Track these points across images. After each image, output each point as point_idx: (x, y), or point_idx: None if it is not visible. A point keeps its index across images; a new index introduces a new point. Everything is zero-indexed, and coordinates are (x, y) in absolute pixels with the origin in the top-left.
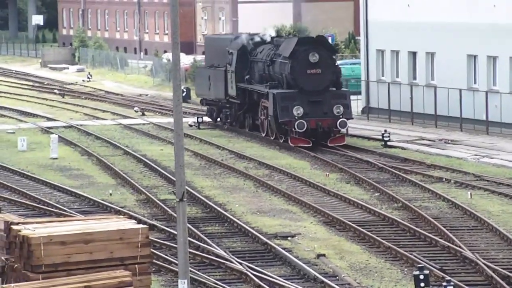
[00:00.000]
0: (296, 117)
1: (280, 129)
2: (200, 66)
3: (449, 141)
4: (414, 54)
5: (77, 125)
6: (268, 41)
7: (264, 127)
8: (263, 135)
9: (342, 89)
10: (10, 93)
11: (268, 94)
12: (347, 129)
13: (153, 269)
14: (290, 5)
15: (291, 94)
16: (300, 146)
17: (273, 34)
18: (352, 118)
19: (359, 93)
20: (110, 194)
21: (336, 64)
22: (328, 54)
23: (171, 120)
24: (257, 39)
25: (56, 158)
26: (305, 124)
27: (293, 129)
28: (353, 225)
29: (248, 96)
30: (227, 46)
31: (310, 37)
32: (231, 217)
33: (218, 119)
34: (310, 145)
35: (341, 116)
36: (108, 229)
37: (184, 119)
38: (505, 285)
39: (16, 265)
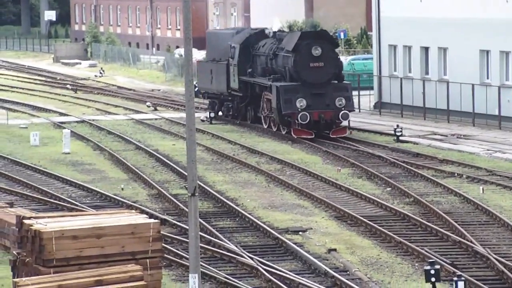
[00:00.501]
0: (299, 109)
1: (283, 121)
2: (202, 60)
3: (462, 136)
4: (426, 49)
5: (89, 120)
6: (270, 36)
7: (266, 119)
8: (265, 127)
9: (344, 82)
10: (23, 88)
11: (272, 87)
12: (349, 121)
13: (164, 263)
14: (302, 0)
15: (294, 86)
16: (303, 138)
17: (276, 28)
18: (354, 110)
19: (372, 88)
20: (122, 189)
21: (338, 57)
22: (330, 48)
23: (183, 115)
24: (259, 33)
25: (69, 153)
26: (308, 116)
27: (296, 121)
28: (364, 220)
29: (250, 89)
30: (229, 40)
31: (313, 31)
32: (242, 211)
33: (220, 112)
34: (313, 136)
35: (343, 108)
36: (120, 224)
37: (196, 114)
38: None
39: (27, 259)
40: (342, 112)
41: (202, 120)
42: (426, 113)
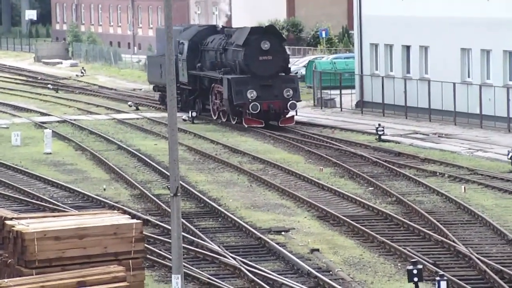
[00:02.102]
0: (250, 100)
1: (234, 111)
2: (152, 55)
3: (443, 135)
4: (408, 48)
5: (70, 120)
6: (218, 31)
7: (215, 110)
8: (214, 118)
9: (291, 74)
10: (4, 88)
11: (223, 79)
12: (296, 111)
13: (147, 264)
14: None
15: (245, 79)
16: (253, 126)
17: (221, 25)
18: (300, 100)
19: (353, 87)
20: (104, 189)
21: (285, 51)
22: (278, 42)
23: (165, 114)
24: (207, 29)
25: (50, 153)
26: (258, 106)
27: (247, 111)
28: (347, 219)
29: (199, 83)
30: (177, 37)
31: (261, 27)
32: (225, 212)
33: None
34: (263, 125)
35: (290, 99)
36: (102, 224)
37: (178, 114)
38: (498, 279)
39: (9, 261)
40: (290, 102)
41: (184, 120)
42: (407, 112)
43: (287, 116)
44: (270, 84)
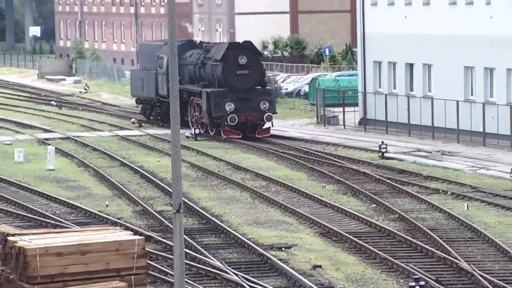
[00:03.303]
0: (228, 112)
1: (213, 123)
2: (135, 69)
3: (446, 153)
4: (411, 65)
5: (74, 136)
6: (196, 46)
7: (194, 122)
8: (192, 130)
9: (267, 87)
10: (7, 105)
11: (202, 93)
12: (272, 122)
13: (149, 280)
14: (287, 16)
15: (223, 92)
16: (231, 137)
17: (199, 40)
18: (276, 113)
19: (356, 104)
20: (107, 206)
21: (262, 65)
22: (255, 57)
23: (168, 131)
24: (185, 44)
25: (53, 170)
26: (236, 118)
27: (225, 122)
28: (349, 236)
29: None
30: (157, 51)
31: (238, 42)
32: (227, 228)
33: (151, 117)
34: (240, 136)
35: (267, 111)
36: (105, 240)
37: (181, 131)
38: None
39: (11, 276)
40: (266, 114)
41: (187, 137)
42: (411, 129)
43: (263, 127)
44: (247, 97)
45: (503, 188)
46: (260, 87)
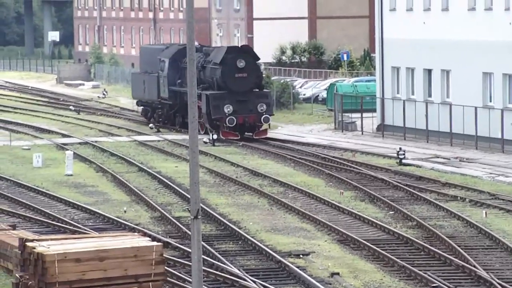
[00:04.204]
0: (227, 114)
1: (212, 124)
2: (136, 72)
3: (464, 159)
4: (429, 71)
5: (92, 141)
6: (196, 50)
7: None
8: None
9: (264, 90)
10: (26, 109)
11: (201, 95)
12: (269, 124)
13: (167, 287)
14: (305, 21)
15: (222, 94)
16: (230, 139)
17: (199, 44)
18: (273, 115)
19: (374, 110)
20: (125, 211)
21: (259, 69)
22: (253, 61)
23: (186, 137)
24: (186, 48)
25: (71, 175)
26: (235, 120)
27: (224, 124)
28: (367, 243)
29: (179, 98)
30: (159, 55)
31: (237, 46)
32: (245, 234)
33: (152, 119)
34: (239, 137)
35: (264, 113)
36: (123, 247)
37: (199, 136)
38: None
39: (30, 282)
40: (264, 116)
41: (205, 142)
42: (429, 135)
43: (261, 129)
44: (245, 99)
45: None
46: (257, 90)
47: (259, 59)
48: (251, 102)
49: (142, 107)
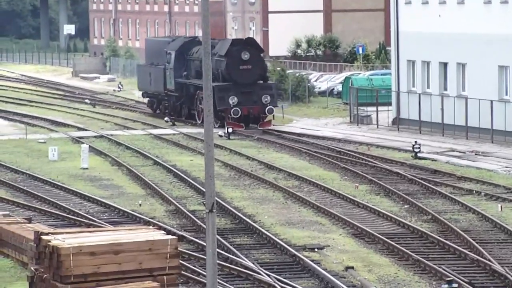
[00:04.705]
0: (232, 105)
1: (217, 115)
2: (141, 64)
3: (480, 153)
4: (445, 65)
5: (107, 135)
6: (201, 43)
7: (200, 115)
8: (199, 122)
9: (269, 82)
10: (42, 103)
11: None
12: (273, 115)
13: (181, 280)
14: (320, 15)
15: (227, 86)
16: (235, 129)
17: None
18: (277, 106)
19: (390, 104)
20: (140, 205)
21: (263, 61)
22: (257, 53)
23: (201, 130)
24: (192, 41)
25: (87, 168)
26: (239, 111)
27: (229, 115)
28: (382, 237)
29: (185, 90)
30: (165, 47)
31: (242, 39)
32: (260, 228)
33: (158, 110)
34: (243, 128)
35: (268, 104)
36: (138, 240)
37: (214, 130)
38: None
39: (45, 276)
40: (268, 107)
41: (220, 136)
42: (444, 129)
43: (265, 120)
44: (249, 91)
45: None
46: (262, 82)
47: (263, 51)
48: (255, 94)
49: (148, 98)
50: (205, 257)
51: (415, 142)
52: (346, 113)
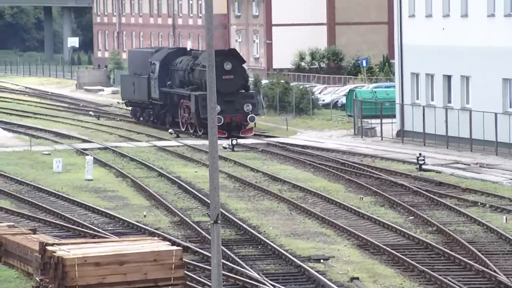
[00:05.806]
0: None
1: (201, 123)
2: (124, 75)
3: (484, 165)
4: (449, 77)
5: (112, 146)
6: (186, 53)
7: (184, 123)
8: (183, 129)
9: (250, 91)
10: (46, 115)
11: (191, 96)
12: (255, 123)
13: None
14: (324, 27)
15: None
16: (218, 137)
17: (189, 48)
18: (259, 114)
19: (394, 116)
20: (144, 216)
21: (245, 71)
22: (239, 63)
23: (206, 142)
24: (176, 52)
25: (91, 180)
26: (222, 119)
27: None
28: (387, 248)
29: (169, 98)
30: (149, 58)
31: (224, 50)
32: (264, 239)
33: (141, 118)
34: (226, 135)
35: (250, 112)
36: (142, 251)
37: (219, 141)
38: None
39: (50, 286)
40: (250, 115)
41: (224, 148)
42: (448, 141)
43: (247, 127)
44: (232, 100)
45: None
46: (244, 91)
47: (244, 62)
48: (237, 102)
49: (131, 107)
50: (210, 267)
51: (420, 154)
52: (350, 125)
